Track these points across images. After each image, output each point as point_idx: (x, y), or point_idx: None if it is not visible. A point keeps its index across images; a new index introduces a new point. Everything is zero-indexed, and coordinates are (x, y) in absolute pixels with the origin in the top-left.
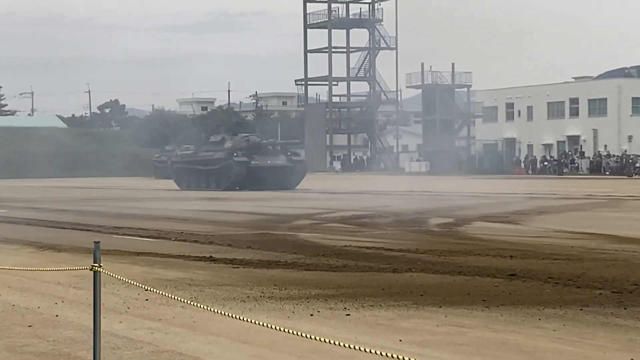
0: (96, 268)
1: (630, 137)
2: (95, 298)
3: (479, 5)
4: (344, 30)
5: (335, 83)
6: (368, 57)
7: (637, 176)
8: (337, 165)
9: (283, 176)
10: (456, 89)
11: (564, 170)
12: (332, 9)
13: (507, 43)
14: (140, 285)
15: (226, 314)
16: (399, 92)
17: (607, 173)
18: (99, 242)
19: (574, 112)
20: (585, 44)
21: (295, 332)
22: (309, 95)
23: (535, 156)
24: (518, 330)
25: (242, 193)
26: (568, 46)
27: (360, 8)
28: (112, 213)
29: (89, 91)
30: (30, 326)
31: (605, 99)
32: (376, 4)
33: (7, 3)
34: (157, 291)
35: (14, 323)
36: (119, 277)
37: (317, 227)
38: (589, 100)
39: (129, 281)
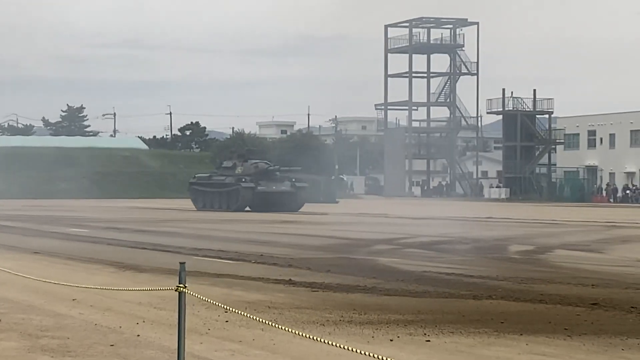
0: (181, 289)
1: None
2: (180, 318)
3: (561, 32)
4: (425, 56)
5: (415, 108)
6: (449, 82)
7: None
8: (416, 190)
9: (286, 200)
10: (537, 116)
11: None
12: (413, 34)
13: (589, 70)
14: (223, 304)
15: (307, 335)
16: (479, 118)
17: None
18: (184, 263)
19: None
20: None
21: (375, 356)
22: (388, 120)
23: (615, 184)
24: None
25: (317, 217)
26: None
27: (442, 33)
28: (192, 234)
29: (170, 113)
30: (112, 345)
31: None
32: (457, 30)
33: (91, 26)
34: (239, 312)
35: (96, 342)
36: (203, 298)
37: (396, 252)
38: None
39: (212, 301)
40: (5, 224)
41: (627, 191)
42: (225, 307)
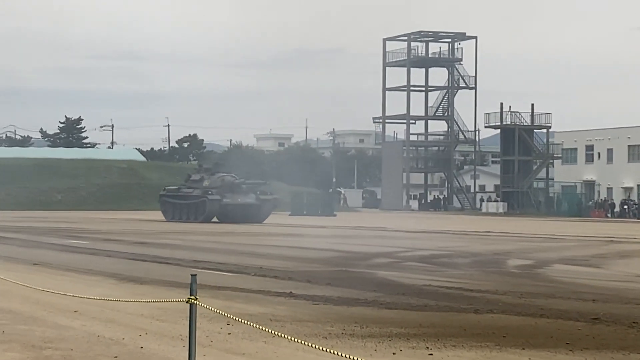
0: (192, 300)
1: None
2: (191, 330)
3: (559, 46)
4: (423, 69)
5: (413, 121)
6: (447, 96)
7: None
8: (413, 204)
9: (251, 212)
10: (535, 130)
11: None
12: (411, 48)
13: (587, 85)
14: (226, 313)
15: (312, 345)
16: (477, 132)
17: None
18: (195, 275)
19: None
20: None
21: None
22: (386, 133)
23: (612, 200)
24: None
25: (319, 230)
26: None
27: (440, 47)
28: (190, 246)
29: (168, 125)
30: (116, 357)
31: None
32: (456, 43)
33: (90, 37)
34: (245, 322)
35: (99, 354)
36: (213, 309)
37: (396, 265)
38: None
39: (222, 312)
40: (4, 235)
41: (625, 206)
42: (232, 317)
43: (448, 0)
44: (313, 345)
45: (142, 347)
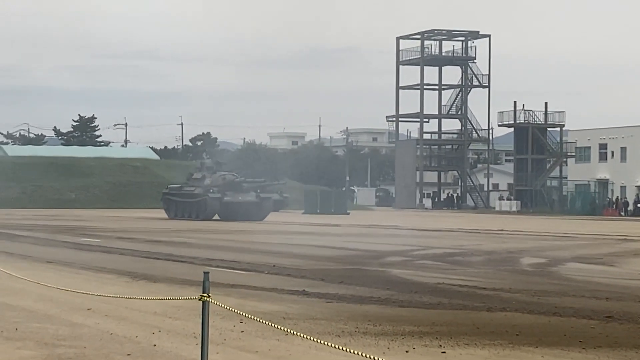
0: (205, 298)
1: None
2: (203, 328)
3: (573, 45)
4: (436, 68)
5: (427, 120)
6: (460, 94)
7: None
8: (426, 202)
9: (252, 210)
10: (549, 128)
11: None
12: (424, 47)
13: (601, 83)
14: (239, 311)
15: (325, 343)
16: (490, 131)
17: None
18: (208, 272)
19: None
20: None
21: None
22: (399, 132)
23: (626, 198)
24: None
25: (332, 228)
26: None
27: (453, 46)
28: (204, 245)
29: (182, 123)
30: (129, 355)
31: None
32: (469, 42)
33: (103, 36)
34: (259, 320)
35: (112, 351)
36: (226, 307)
37: (409, 263)
38: None
39: (235, 309)
40: (18, 233)
41: (638, 205)
42: (245, 315)
43: None
44: (326, 343)
45: (155, 345)
